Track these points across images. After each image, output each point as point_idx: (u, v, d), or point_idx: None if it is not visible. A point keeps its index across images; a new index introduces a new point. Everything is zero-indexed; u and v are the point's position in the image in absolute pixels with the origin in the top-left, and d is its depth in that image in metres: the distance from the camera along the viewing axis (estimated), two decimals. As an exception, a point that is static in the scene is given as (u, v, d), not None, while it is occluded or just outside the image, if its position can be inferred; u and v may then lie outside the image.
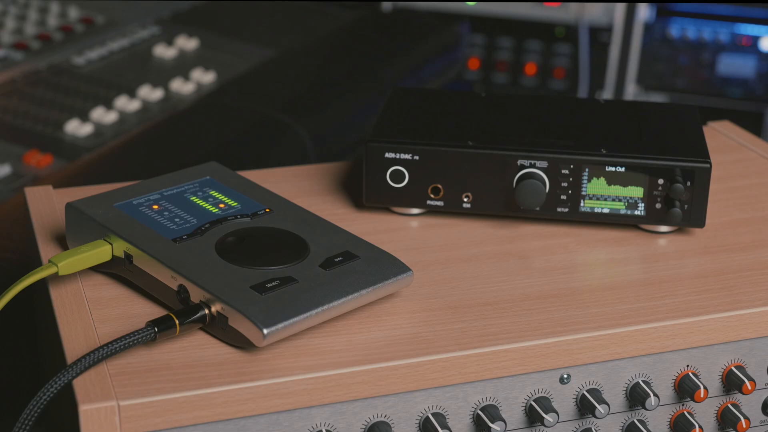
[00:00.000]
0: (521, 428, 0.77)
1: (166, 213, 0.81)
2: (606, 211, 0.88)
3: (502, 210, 0.89)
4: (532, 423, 0.77)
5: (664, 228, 0.89)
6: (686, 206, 0.87)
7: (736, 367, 0.80)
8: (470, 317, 0.77)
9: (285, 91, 1.59)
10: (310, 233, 0.80)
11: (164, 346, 0.72)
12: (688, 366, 0.79)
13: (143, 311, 0.76)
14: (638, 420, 0.80)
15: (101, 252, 0.78)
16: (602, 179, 0.87)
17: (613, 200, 0.88)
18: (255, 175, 0.96)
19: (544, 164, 0.87)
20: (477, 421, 0.75)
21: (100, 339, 0.72)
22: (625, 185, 0.87)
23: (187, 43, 1.76)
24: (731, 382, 0.80)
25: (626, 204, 0.88)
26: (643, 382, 0.78)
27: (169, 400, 0.67)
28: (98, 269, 0.80)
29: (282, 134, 1.45)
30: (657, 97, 2.34)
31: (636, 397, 0.78)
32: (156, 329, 0.70)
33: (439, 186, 0.89)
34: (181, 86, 1.61)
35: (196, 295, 0.73)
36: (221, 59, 1.73)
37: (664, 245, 0.88)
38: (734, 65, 2.30)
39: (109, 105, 1.54)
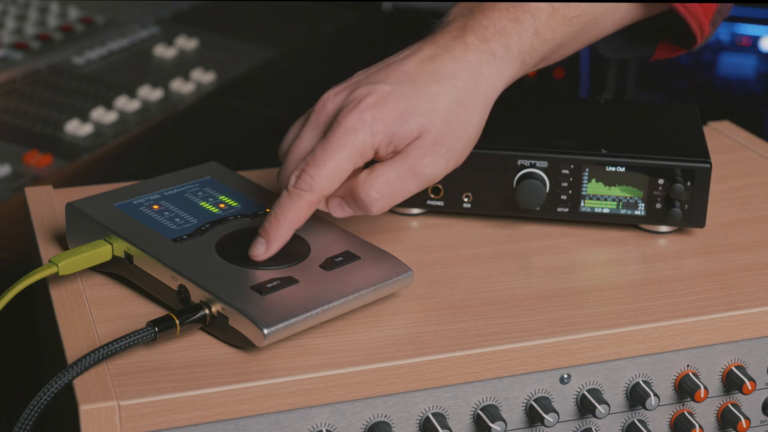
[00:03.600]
0: (521, 428, 0.77)
1: (166, 213, 0.81)
2: (606, 211, 0.88)
3: (502, 210, 0.89)
4: (532, 423, 0.77)
5: (664, 228, 0.89)
6: (686, 206, 0.87)
7: (736, 367, 0.80)
8: (470, 317, 0.77)
9: (285, 91, 1.59)
10: (310, 233, 0.80)
11: (164, 346, 0.72)
12: (688, 366, 0.79)
13: (143, 311, 0.76)
14: (638, 420, 0.80)
15: (101, 252, 0.78)
16: (602, 179, 0.87)
17: (613, 200, 0.88)
18: (255, 175, 0.95)
19: (544, 164, 0.87)
20: (477, 421, 0.75)
21: (100, 339, 0.72)
22: (625, 185, 0.87)
23: (187, 43, 1.76)
24: (731, 382, 0.80)
25: (626, 204, 0.88)
26: (644, 382, 0.78)
27: (169, 400, 0.67)
28: (98, 269, 0.80)
29: (282, 134, 1.45)
30: (657, 97, 2.33)
31: (636, 397, 0.78)
32: (156, 329, 0.70)
33: (439, 186, 0.89)
34: (181, 86, 1.61)
35: (196, 295, 0.73)
36: (221, 59, 1.73)
37: (664, 245, 0.88)
38: (734, 65, 2.30)
39: (109, 105, 1.54)
